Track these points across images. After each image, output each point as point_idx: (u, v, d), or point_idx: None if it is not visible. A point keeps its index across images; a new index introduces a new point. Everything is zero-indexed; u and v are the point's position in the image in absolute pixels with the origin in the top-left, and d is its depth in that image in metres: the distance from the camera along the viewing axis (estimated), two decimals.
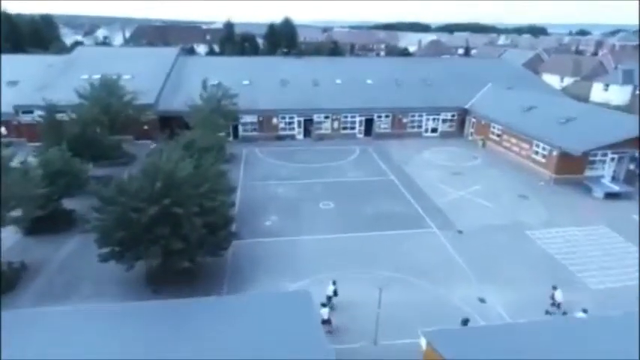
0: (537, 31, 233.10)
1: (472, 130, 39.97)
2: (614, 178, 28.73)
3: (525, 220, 23.75)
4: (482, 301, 17.11)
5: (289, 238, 21.56)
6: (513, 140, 33.53)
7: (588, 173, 28.65)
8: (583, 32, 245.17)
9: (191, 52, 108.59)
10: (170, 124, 36.61)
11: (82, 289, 17.51)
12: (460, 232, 22.41)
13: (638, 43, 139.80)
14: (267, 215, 24.01)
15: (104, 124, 29.45)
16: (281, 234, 21.95)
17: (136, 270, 16.80)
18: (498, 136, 35.72)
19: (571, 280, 18.42)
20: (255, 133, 38.65)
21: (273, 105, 38.79)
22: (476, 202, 26.08)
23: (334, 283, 16.34)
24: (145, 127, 36.54)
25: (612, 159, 28.57)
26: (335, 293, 16.15)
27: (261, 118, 38.46)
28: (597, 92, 57.36)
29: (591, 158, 28.31)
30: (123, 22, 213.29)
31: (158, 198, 15.31)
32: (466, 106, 40.33)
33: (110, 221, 15.34)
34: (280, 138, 38.71)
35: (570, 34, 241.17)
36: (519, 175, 30.42)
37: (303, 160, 33.23)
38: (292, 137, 39.08)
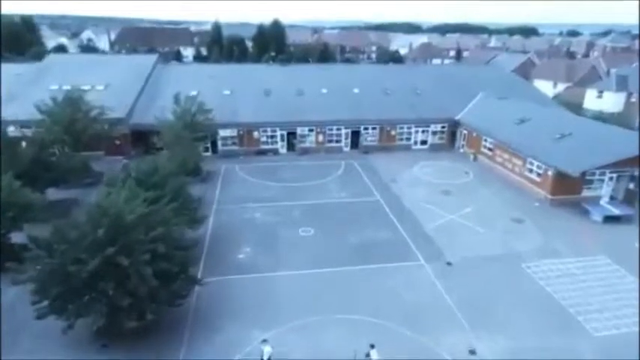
0: (528, 31, 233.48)
1: (463, 142, 38.27)
2: (612, 198, 27.17)
3: (520, 248, 21.99)
4: (472, 352, 15.28)
5: (263, 274, 19.56)
6: (506, 155, 31.84)
7: (586, 193, 27.02)
8: (574, 33, 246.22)
9: (177, 55, 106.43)
10: (144, 138, 34.56)
11: (21, 343, 15.39)
12: (449, 264, 20.58)
13: (628, 44, 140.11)
14: (241, 246, 21.97)
15: (67, 144, 27.26)
16: (254, 269, 19.94)
17: (83, 320, 14.72)
18: (490, 150, 34.02)
19: (570, 325, 16.65)
20: (235, 148, 36.55)
21: (255, 117, 36.74)
22: (467, 227, 24.28)
23: (264, 341, 14.07)
24: (117, 142, 34.34)
25: (611, 178, 26.97)
26: (269, 358, 13.84)
27: (241, 132, 36.38)
28: (591, 99, 56.07)
29: (589, 177, 26.66)
30: (110, 23, 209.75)
31: (101, 246, 13.24)
32: (457, 117, 38.62)
33: (45, 273, 13.24)
34: (262, 152, 36.67)
35: (561, 34, 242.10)
36: (513, 195, 28.71)
37: (285, 179, 31.22)
38: (275, 151, 37.05)
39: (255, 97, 39.14)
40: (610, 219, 24.79)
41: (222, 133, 36.11)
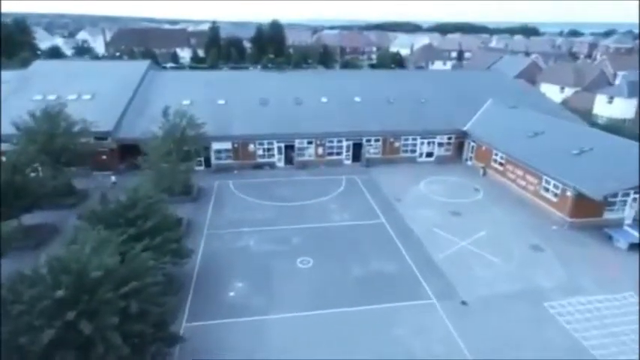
0: (529, 31, 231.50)
1: (471, 154, 36.16)
2: (635, 220, 25.09)
3: (542, 283, 19.92)
4: None
5: (255, 318, 17.45)
6: (519, 172, 29.74)
7: (607, 215, 24.98)
8: (575, 33, 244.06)
9: (174, 57, 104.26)
10: (133, 152, 32.38)
11: None
12: (464, 303, 18.52)
13: (631, 46, 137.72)
14: (233, 281, 19.87)
15: (46, 163, 25.18)
16: (246, 311, 17.82)
17: None
18: (501, 164, 31.92)
19: None
20: (229, 161, 34.41)
21: (251, 129, 34.60)
22: (481, 256, 22.20)
23: None
24: (103, 157, 32.24)
25: (635, 199, 24.90)
26: None
27: (236, 145, 34.24)
28: (601, 105, 53.94)
29: (611, 199, 24.60)
30: (108, 22, 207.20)
31: (60, 309, 11.17)
32: (465, 128, 36.50)
33: None
34: (258, 166, 34.54)
35: (561, 34, 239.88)
36: (528, 216, 26.61)
37: (282, 197, 29.11)
38: (271, 165, 34.92)
39: (251, 107, 37.01)
40: (636, 246, 22.71)
41: (216, 146, 34.00)
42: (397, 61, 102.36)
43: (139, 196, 17.56)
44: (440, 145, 37.22)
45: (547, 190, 26.84)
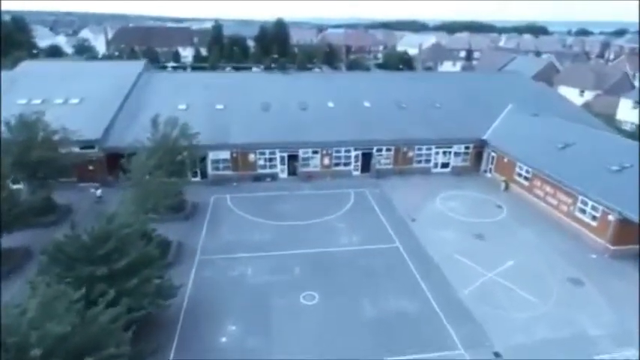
0: (537, 30, 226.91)
1: (491, 166, 33.15)
2: None
3: (588, 328, 16.99)
4: None
5: None
6: (548, 189, 26.74)
7: None
8: (584, 32, 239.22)
9: (176, 56, 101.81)
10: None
11: None
12: (497, 355, 15.65)
13: None
14: (226, 322, 17.09)
15: (22, 179, 22.54)
16: None
17: None
18: (527, 179, 28.91)
19: None
20: (228, 173, 31.63)
21: (251, 137, 31.76)
22: (512, 291, 19.27)
23: None
24: (90, 168, 29.58)
25: None
26: None
27: (235, 154, 31.45)
28: (625, 109, 50.65)
29: None
30: (113, 21, 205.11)
31: None
32: (484, 137, 33.49)
33: None
34: (259, 178, 31.75)
35: (570, 33, 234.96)
36: (561, 242, 23.62)
37: (284, 215, 26.31)
38: (273, 177, 32.11)
39: (251, 112, 34.20)
40: None
41: (213, 155, 31.24)
42: (405, 61, 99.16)
43: (113, 226, 14.80)
44: (456, 155, 34.22)
45: (583, 211, 23.84)
